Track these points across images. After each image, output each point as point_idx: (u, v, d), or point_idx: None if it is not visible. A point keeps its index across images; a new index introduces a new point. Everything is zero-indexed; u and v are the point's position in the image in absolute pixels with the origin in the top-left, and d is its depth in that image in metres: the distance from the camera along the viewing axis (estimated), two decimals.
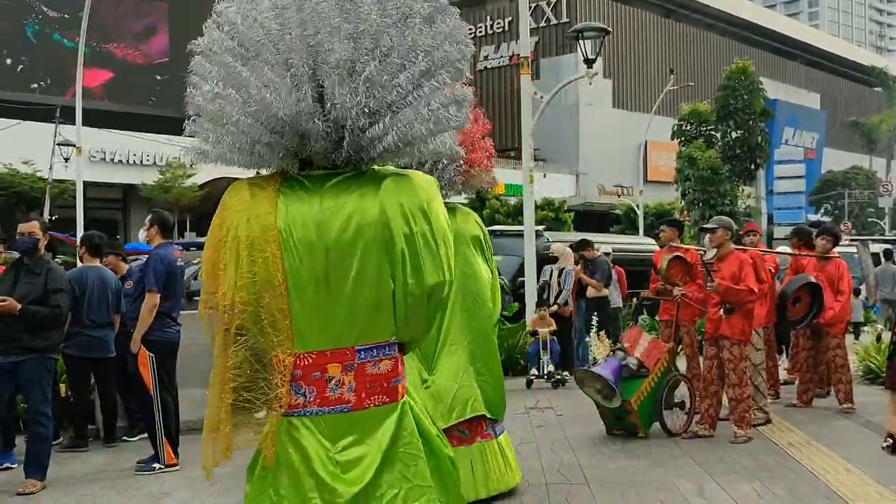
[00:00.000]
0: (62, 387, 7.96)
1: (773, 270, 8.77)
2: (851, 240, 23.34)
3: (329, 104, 2.38)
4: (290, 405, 2.43)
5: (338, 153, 2.45)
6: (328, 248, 2.40)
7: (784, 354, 10.64)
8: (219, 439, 2.44)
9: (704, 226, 8.06)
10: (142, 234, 7.15)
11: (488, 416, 5.19)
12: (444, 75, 2.50)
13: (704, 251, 8.18)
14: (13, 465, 6.78)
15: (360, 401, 2.45)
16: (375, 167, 2.55)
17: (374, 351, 2.47)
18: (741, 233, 8.93)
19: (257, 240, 2.37)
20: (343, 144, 2.44)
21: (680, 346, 8.41)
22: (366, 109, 2.39)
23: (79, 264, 8.00)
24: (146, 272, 6.73)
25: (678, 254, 8.00)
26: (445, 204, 3.32)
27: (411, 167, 2.71)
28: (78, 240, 8.26)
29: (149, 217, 7.07)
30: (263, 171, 2.72)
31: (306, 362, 2.41)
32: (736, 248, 7.70)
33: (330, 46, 2.37)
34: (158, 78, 36.37)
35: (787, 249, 10.19)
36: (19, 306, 6.13)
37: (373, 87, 2.37)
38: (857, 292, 17.64)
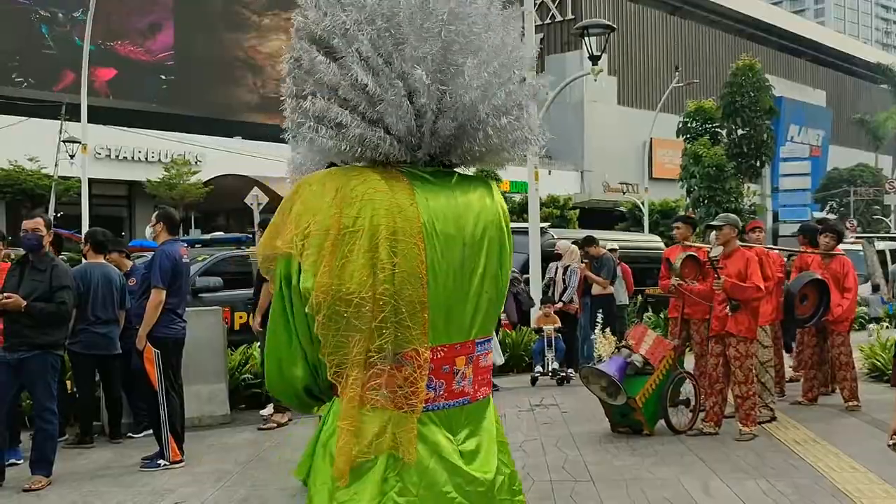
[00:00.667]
0: (68, 383, 7.98)
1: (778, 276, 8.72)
2: (857, 237, 23.30)
3: (453, 101, 2.42)
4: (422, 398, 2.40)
5: (446, 151, 2.52)
6: (465, 242, 2.44)
7: (787, 350, 10.62)
8: (360, 437, 2.35)
9: (711, 223, 8.04)
10: (148, 231, 7.16)
11: None
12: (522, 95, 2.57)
13: (710, 248, 8.16)
14: (19, 462, 6.80)
15: (475, 393, 2.50)
16: (467, 170, 2.64)
17: (486, 344, 2.54)
18: (746, 229, 8.90)
19: (401, 231, 2.32)
20: (461, 145, 2.50)
21: (688, 344, 8.41)
22: (495, 108, 2.48)
23: (83, 261, 8.02)
24: (152, 269, 6.74)
25: (692, 252, 7.99)
26: None
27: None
28: (82, 236, 8.28)
29: (155, 213, 7.07)
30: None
31: (439, 356, 2.40)
32: (742, 246, 7.68)
33: (461, 71, 2.42)
34: (164, 76, 36.43)
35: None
36: (24, 303, 6.15)
37: (501, 93, 2.47)
38: (876, 288, 17.63)
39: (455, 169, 2.60)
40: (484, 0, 2.50)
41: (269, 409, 8.47)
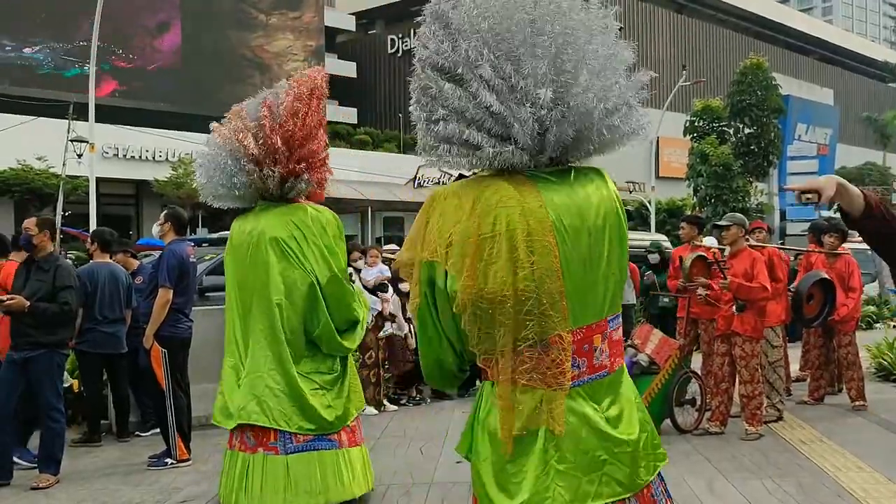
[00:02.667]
0: (74, 382, 8.02)
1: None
2: None
3: (572, 109, 2.66)
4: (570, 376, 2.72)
5: (567, 151, 2.80)
6: (589, 232, 2.72)
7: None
8: (518, 414, 2.68)
9: (718, 223, 8.04)
10: (155, 229, 7.19)
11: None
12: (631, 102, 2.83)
13: (722, 249, 8.14)
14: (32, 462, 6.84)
15: (611, 365, 2.80)
16: (578, 165, 2.90)
17: (617, 319, 2.87)
18: (749, 229, 8.88)
19: (534, 231, 2.61)
20: (580, 145, 2.78)
21: (697, 343, 8.41)
22: (609, 111, 2.73)
23: (90, 261, 8.05)
24: (159, 268, 6.77)
25: (701, 253, 7.98)
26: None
27: None
28: (89, 236, 8.32)
29: (163, 213, 7.11)
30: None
31: (578, 337, 2.71)
32: (752, 246, 7.67)
33: (575, 67, 2.65)
34: (171, 75, 36.50)
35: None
36: (28, 303, 6.19)
37: (612, 95, 2.72)
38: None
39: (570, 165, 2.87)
40: (583, 9, 2.73)
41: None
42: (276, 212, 5.34)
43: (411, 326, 9.28)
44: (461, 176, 2.88)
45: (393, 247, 11.63)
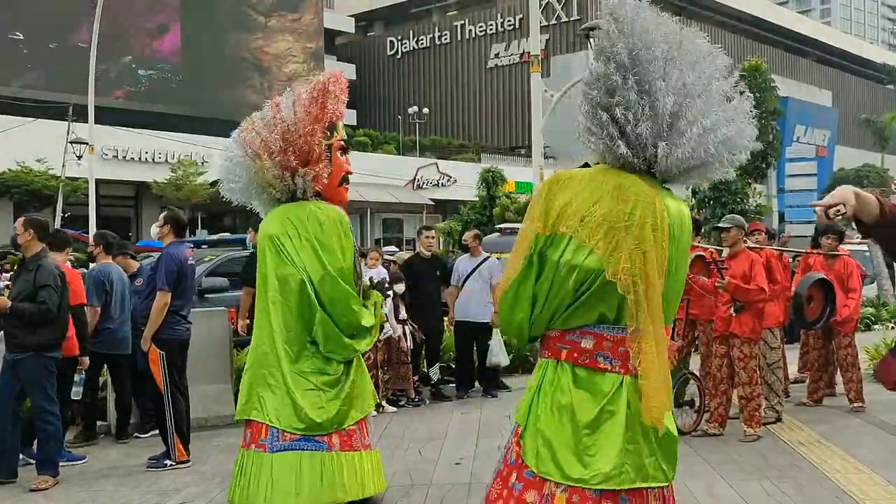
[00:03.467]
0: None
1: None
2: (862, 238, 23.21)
3: (689, 141, 2.94)
4: (633, 369, 2.94)
5: (668, 171, 3.05)
6: (682, 243, 2.99)
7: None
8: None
9: (718, 224, 8.05)
10: (154, 231, 7.21)
11: None
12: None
13: (720, 250, 8.15)
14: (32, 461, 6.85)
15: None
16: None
17: (670, 329, 3.14)
18: (748, 231, 8.89)
19: (658, 228, 2.86)
20: (684, 166, 3.02)
21: (696, 344, 8.40)
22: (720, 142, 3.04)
23: (93, 262, 8.06)
24: (157, 271, 6.79)
25: (699, 253, 7.99)
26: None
27: None
28: (91, 237, 8.35)
29: (162, 215, 7.12)
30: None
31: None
32: (749, 248, 7.68)
33: (694, 110, 2.95)
34: (170, 76, 36.50)
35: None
36: (9, 304, 6.19)
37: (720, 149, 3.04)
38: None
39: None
40: (706, 50, 3.08)
41: None
42: (278, 210, 5.38)
43: (405, 328, 9.28)
44: (585, 165, 3.16)
45: (392, 248, 11.64)
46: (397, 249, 14.02)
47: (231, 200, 5.66)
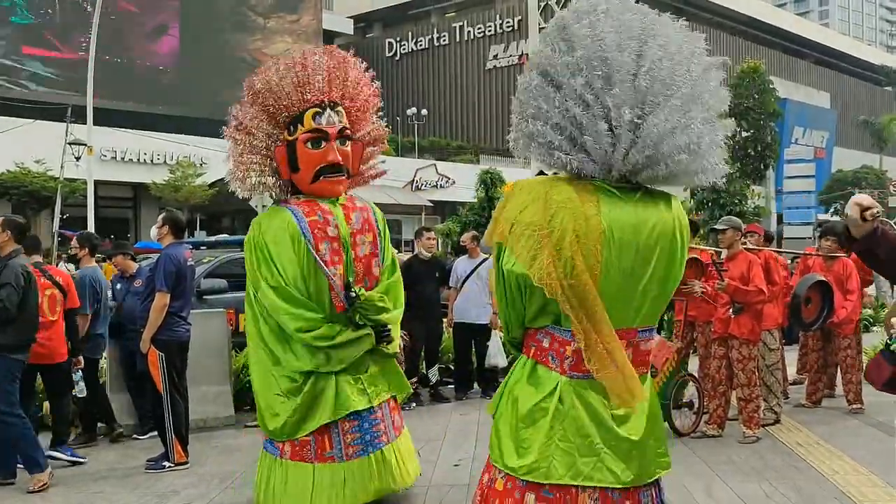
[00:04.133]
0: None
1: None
2: None
3: (647, 139, 2.91)
4: (583, 370, 3.00)
5: (635, 174, 3.03)
6: (637, 249, 2.98)
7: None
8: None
9: (715, 226, 8.05)
10: (153, 232, 7.21)
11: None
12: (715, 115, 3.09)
13: (718, 252, 8.16)
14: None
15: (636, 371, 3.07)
16: (657, 187, 3.15)
17: (648, 332, 3.14)
18: (744, 232, 8.89)
19: (583, 235, 2.91)
20: (650, 170, 3.00)
21: (694, 346, 8.41)
22: (682, 147, 2.97)
23: (85, 265, 7.97)
24: (156, 272, 6.78)
25: (694, 255, 8.00)
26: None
27: None
28: (74, 239, 8.30)
29: (161, 216, 7.11)
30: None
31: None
32: (748, 250, 7.69)
33: (660, 102, 2.91)
34: (169, 77, 36.49)
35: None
36: None
37: (691, 134, 2.95)
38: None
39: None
40: (688, 51, 3.01)
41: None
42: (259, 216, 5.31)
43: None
44: (540, 173, 3.30)
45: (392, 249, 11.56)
46: (396, 251, 14.03)
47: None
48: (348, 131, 5.11)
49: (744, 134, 29.97)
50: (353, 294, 4.95)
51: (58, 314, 6.88)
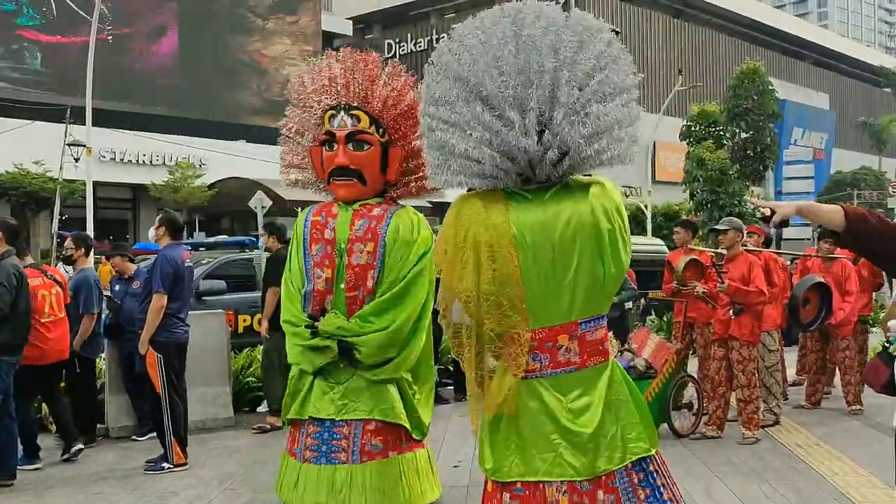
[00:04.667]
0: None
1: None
2: None
3: (556, 136, 2.98)
4: (529, 369, 3.10)
5: (556, 171, 3.10)
6: (553, 246, 3.06)
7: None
8: (487, 398, 3.16)
9: (715, 227, 8.05)
10: (151, 233, 7.21)
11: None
12: (631, 95, 3.14)
13: (718, 253, 8.15)
14: (39, 466, 6.88)
15: (583, 361, 3.14)
16: (576, 177, 3.20)
17: (592, 322, 3.17)
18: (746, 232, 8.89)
19: (496, 244, 3.02)
20: (564, 165, 3.08)
21: (693, 347, 8.41)
22: (589, 137, 3.03)
23: (80, 266, 7.96)
24: (153, 273, 6.78)
25: (694, 256, 8.00)
26: None
27: None
28: (69, 239, 8.28)
29: (158, 217, 7.12)
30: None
31: (540, 336, 3.11)
32: (748, 251, 7.69)
33: (558, 86, 2.97)
34: (168, 78, 36.48)
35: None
36: None
37: (592, 118, 3.00)
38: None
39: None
40: (599, 45, 3.07)
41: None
42: None
43: None
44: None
45: None
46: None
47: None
48: (365, 136, 4.99)
49: (743, 135, 30.00)
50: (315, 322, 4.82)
51: (63, 311, 6.93)
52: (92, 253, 8.22)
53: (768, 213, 3.11)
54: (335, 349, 4.72)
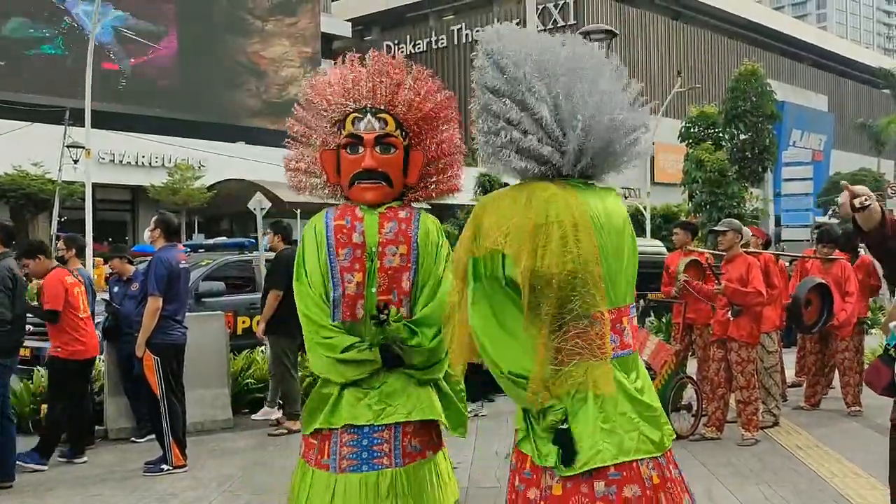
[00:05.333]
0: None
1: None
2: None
3: (588, 145, 3.20)
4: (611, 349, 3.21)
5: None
6: (615, 231, 3.24)
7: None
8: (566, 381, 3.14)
9: (714, 228, 8.06)
10: (146, 235, 7.20)
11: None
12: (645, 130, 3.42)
13: (716, 255, 8.16)
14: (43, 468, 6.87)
15: (634, 344, 3.30)
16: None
17: (633, 308, 3.36)
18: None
19: (579, 223, 3.10)
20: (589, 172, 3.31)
21: (692, 348, 8.40)
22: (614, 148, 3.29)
23: (69, 266, 7.94)
24: (147, 275, 6.79)
25: (694, 257, 7.99)
26: None
27: None
28: (62, 240, 8.28)
29: (154, 219, 7.12)
30: None
31: (613, 316, 3.19)
32: (747, 252, 7.69)
33: (594, 104, 3.19)
34: (167, 80, 36.48)
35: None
36: None
37: (617, 131, 3.25)
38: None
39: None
40: (591, 56, 3.36)
41: (276, 414, 8.50)
42: None
43: None
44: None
45: None
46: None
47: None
48: (392, 139, 4.96)
49: (742, 136, 30.01)
50: (384, 317, 4.70)
51: (88, 309, 7.11)
52: (91, 253, 8.22)
53: (866, 201, 3.17)
54: (378, 360, 4.62)
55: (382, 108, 4.85)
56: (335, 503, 4.57)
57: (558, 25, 48.47)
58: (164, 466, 6.71)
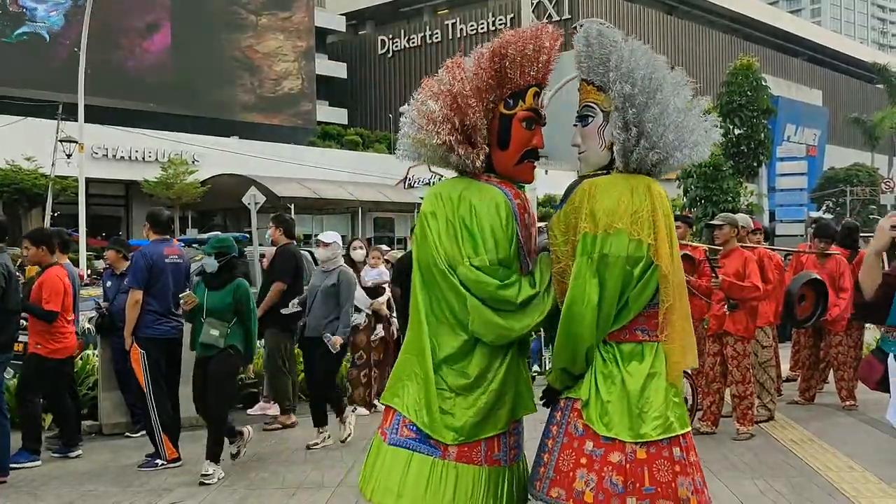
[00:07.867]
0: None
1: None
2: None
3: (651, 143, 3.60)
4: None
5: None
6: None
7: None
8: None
9: (711, 222, 8.05)
10: (145, 231, 7.20)
11: None
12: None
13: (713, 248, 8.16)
14: (38, 464, 6.86)
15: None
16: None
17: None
18: (751, 229, 8.89)
19: (666, 214, 3.45)
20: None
21: None
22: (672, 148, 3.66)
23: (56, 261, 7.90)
24: (129, 269, 6.79)
25: (686, 252, 7.99)
26: None
27: None
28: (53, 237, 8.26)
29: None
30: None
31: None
32: (742, 246, 7.69)
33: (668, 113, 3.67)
34: (160, 75, 36.38)
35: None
36: None
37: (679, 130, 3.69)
38: None
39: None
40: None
41: (273, 410, 8.49)
42: (437, 185, 4.63)
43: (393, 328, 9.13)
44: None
45: (384, 247, 11.53)
46: (388, 248, 13.95)
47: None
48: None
49: (736, 131, 30.03)
50: None
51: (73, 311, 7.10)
52: (84, 248, 8.19)
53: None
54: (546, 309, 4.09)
55: (545, 84, 4.68)
56: (504, 498, 4.14)
57: (553, 20, 48.44)
58: (160, 461, 6.69)
